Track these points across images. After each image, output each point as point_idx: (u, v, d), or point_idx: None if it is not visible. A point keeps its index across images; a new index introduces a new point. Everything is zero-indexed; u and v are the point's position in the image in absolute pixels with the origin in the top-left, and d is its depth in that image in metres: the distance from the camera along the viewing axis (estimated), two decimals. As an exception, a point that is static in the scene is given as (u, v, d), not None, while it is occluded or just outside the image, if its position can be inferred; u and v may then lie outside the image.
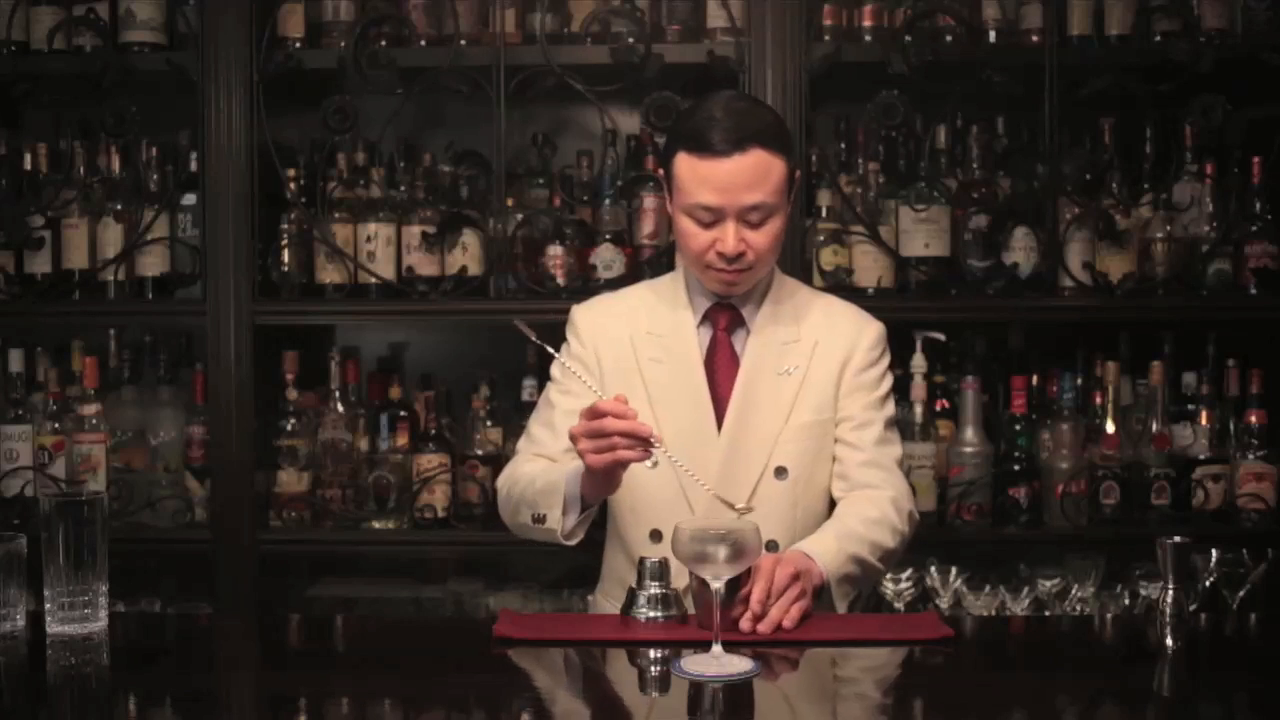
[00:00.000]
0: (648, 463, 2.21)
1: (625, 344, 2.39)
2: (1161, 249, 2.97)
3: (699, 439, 2.31)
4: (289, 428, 3.03)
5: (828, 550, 2.17)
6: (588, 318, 2.44)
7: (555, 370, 2.41)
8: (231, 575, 2.99)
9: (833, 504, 2.38)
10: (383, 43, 3.00)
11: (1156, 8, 2.95)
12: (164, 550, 3.06)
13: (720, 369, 2.36)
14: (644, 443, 2.06)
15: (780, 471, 2.33)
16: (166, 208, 3.06)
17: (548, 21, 2.97)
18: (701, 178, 2.23)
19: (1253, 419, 2.96)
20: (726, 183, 2.22)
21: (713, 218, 2.25)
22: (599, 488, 2.19)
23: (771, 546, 2.23)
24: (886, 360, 2.43)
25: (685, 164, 2.25)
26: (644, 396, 2.33)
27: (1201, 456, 2.98)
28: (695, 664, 1.80)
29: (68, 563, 1.94)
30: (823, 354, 2.37)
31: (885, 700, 1.83)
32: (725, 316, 2.37)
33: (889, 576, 2.84)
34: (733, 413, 2.33)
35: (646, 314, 2.41)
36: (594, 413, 2.08)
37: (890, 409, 2.42)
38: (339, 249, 3.02)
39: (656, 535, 2.33)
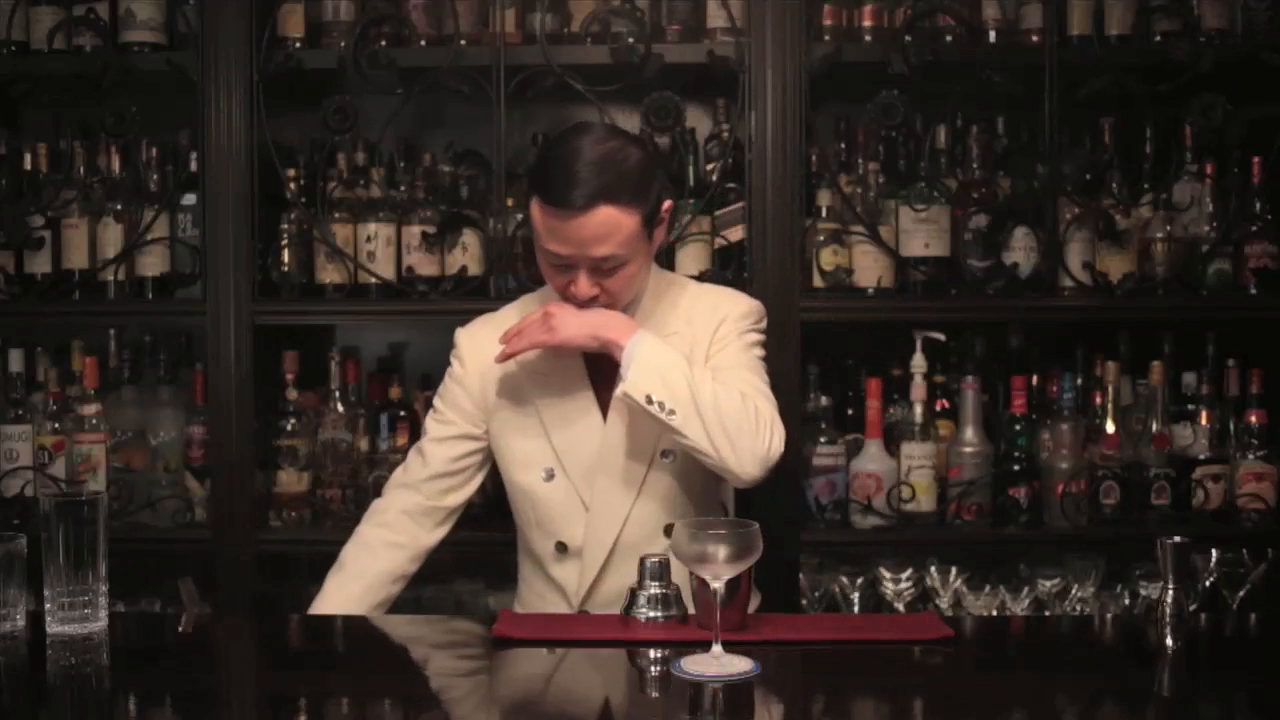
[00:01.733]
0: (542, 475, 2.37)
1: (510, 363, 2.40)
2: (1161, 249, 2.97)
3: (588, 444, 2.36)
4: (289, 428, 3.03)
5: (656, 344, 2.25)
6: (470, 341, 2.48)
7: (435, 398, 2.50)
8: (231, 575, 2.99)
9: (721, 483, 2.42)
10: (383, 43, 2.99)
11: (1156, 8, 2.95)
12: (164, 550, 3.06)
13: (605, 371, 2.37)
14: None
15: (666, 454, 2.35)
16: (166, 208, 3.06)
17: (548, 21, 2.97)
18: (551, 229, 2.25)
19: (1253, 419, 2.96)
20: (574, 237, 2.24)
21: (565, 263, 2.28)
22: None
23: (667, 530, 2.25)
24: (757, 332, 2.42)
25: (537, 211, 2.28)
26: (533, 411, 2.40)
27: (1201, 456, 2.98)
28: (695, 664, 1.80)
29: (68, 563, 1.94)
30: (699, 336, 2.38)
31: (885, 700, 1.83)
32: None
33: (889, 576, 2.85)
34: (616, 405, 2.34)
35: None
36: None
37: (756, 355, 2.39)
38: (339, 249, 3.02)
39: (562, 547, 2.39)
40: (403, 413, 3.07)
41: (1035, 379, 3.06)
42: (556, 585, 2.41)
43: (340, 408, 3.06)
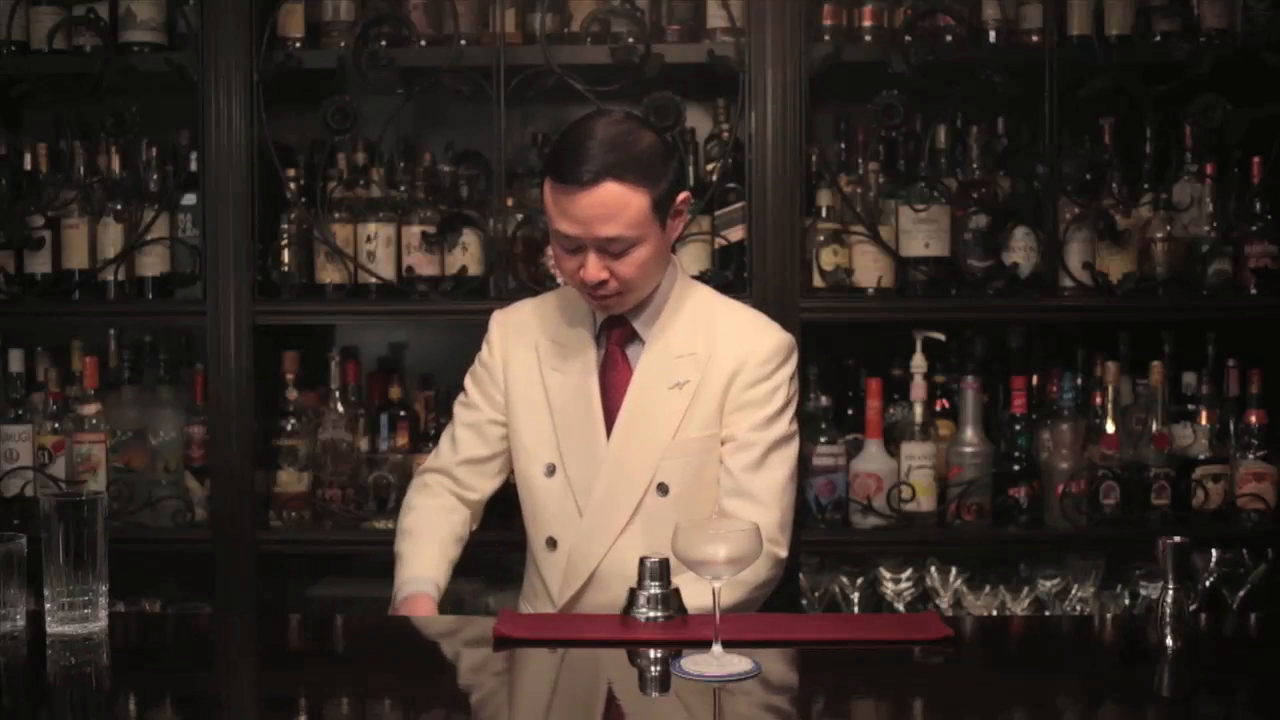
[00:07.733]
0: (544, 469, 2.33)
1: (531, 352, 2.41)
2: (1161, 249, 2.97)
3: (589, 451, 2.34)
4: (289, 428, 3.03)
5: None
6: (501, 325, 2.47)
7: (466, 380, 2.48)
8: (231, 575, 2.99)
9: None
10: (383, 43, 2.99)
11: (1156, 8, 2.95)
12: (164, 550, 3.06)
13: (614, 382, 2.36)
14: None
15: (662, 488, 2.32)
16: (166, 208, 3.06)
17: (548, 21, 2.97)
18: (560, 207, 2.23)
19: (1253, 419, 2.96)
20: (581, 214, 2.21)
21: (574, 245, 2.25)
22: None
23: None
24: (784, 374, 2.35)
25: (548, 189, 2.26)
26: (544, 404, 2.38)
27: (1201, 456, 2.98)
28: (695, 664, 1.80)
29: (68, 563, 1.94)
30: (716, 367, 2.33)
31: (885, 700, 1.83)
32: (619, 329, 2.38)
33: (889, 576, 2.85)
34: (620, 426, 2.33)
35: (554, 322, 2.43)
36: None
37: (780, 428, 2.33)
38: (339, 249, 3.02)
39: (551, 543, 2.38)
40: (403, 413, 3.08)
41: (1035, 379, 3.05)
42: (544, 581, 2.40)
43: (340, 408, 3.06)
